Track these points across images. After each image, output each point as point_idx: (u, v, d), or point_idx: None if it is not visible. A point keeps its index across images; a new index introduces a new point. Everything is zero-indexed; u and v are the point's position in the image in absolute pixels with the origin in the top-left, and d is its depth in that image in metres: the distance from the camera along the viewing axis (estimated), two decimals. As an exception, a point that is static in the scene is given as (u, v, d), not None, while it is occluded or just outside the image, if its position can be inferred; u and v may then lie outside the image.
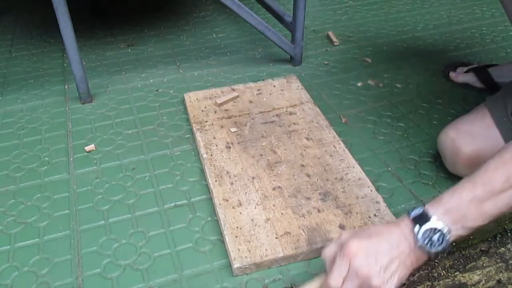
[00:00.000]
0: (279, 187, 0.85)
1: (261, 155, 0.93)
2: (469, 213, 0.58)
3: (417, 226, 0.59)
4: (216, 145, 0.96)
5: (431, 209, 0.60)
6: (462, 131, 0.82)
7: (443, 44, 1.41)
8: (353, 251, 0.59)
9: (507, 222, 0.86)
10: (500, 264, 0.82)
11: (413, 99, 1.15)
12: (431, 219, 0.59)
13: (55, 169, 0.95)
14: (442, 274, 0.81)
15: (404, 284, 0.79)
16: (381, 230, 0.61)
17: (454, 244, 0.68)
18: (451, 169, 0.87)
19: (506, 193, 0.57)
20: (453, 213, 0.59)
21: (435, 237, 0.58)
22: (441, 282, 0.79)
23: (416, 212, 0.60)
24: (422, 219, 0.59)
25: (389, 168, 0.94)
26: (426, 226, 0.59)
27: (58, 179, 0.92)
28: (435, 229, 0.58)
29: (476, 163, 0.81)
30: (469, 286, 0.79)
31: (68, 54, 1.06)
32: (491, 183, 0.58)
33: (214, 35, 1.50)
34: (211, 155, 0.93)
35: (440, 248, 0.58)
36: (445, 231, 0.58)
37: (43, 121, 1.10)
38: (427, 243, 0.59)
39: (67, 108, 1.14)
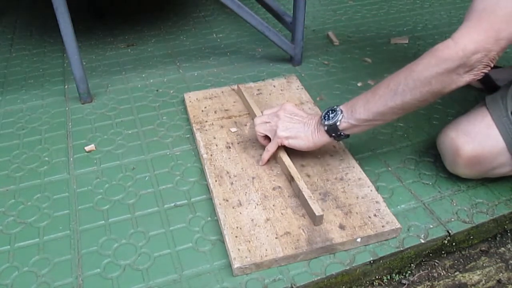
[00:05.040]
0: (279, 187, 0.85)
1: (261, 155, 0.93)
2: (358, 106, 0.78)
3: (325, 110, 0.82)
4: (216, 145, 0.96)
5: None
6: (461, 131, 0.82)
7: (443, 44, 1.41)
8: (283, 108, 0.87)
9: (507, 222, 0.86)
10: (500, 264, 0.82)
11: (413, 99, 1.15)
12: (334, 107, 0.81)
13: (55, 169, 0.95)
14: (442, 274, 0.81)
15: (404, 284, 0.79)
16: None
17: (349, 135, 0.81)
18: (450, 169, 0.87)
19: (384, 96, 0.75)
20: (349, 104, 0.80)
21: (331, 115, 0.80)
22: (441, 282, 0.79)
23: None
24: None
25: (389, 168, 0.94)
26: (329, 108, 0.82)
27: (58, 179, 0.92)
28: (333, 109, 0.81)
29: (476, 163, 0.81)
30: (469, 286, 0.79)
31: (68, 54, 1.06)
32: (377, 88, 0.77)
33: (214, 35, 1.50)
34: (211, 155, 0.93)
35: (331, 122, 0.80)
36: (337, 109, 0.80)
37: (43, 121, 1.10)
38: (324, 117, 0.81)
39: (67, 108, 1.14)
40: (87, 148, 1.00)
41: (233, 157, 0.93)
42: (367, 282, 0.78)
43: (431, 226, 0.80)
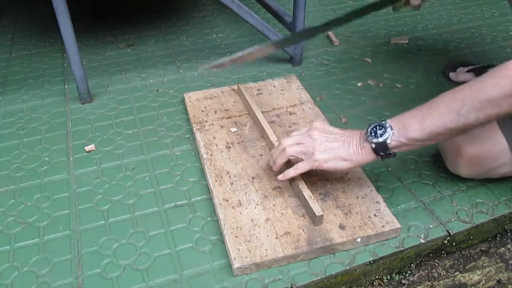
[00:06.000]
0: (279, 187, 0.85)
1: (261, 155, 0.93)
2: (411, 124, 0.69)
3: (370, 125, 0.73)
4: (216, 145, 0.96)
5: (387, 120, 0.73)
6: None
7: (443, 44, 1.41)
8: (315, 127, 0.77)
9: (507, 222, 0.86)
10: (500, 264, 0.82)
11: (413, 99, 1.15)
12: (382, 122, 0.72)
13: (55, 169, 0.95)
14: (442, 274, 0.81)
15: (404, 284, 0.79)
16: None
17: (395, 153, 0.72)
18: (452, 169, 0.87)
19: (444, 116, 0.67)
20: (399, 120, 0.71)
21: (379, 131, 0.71)
22: (441, 282, 0.79)
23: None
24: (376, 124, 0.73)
25: (389, 168, 0.94)
26: (375, 123, 0.72)
27: (58, 179, 0.92)
28: (381, 125, 0.71)
29: (477, 163, 0.81)
30: (469, 286, 0.79)
31: (68, 54, 1.06)
32: (434, 106, 0.69)
33: (214, 35, 1.50)
34: (211, 155, 0.93)
35: (380, 139, 0.70)
36: (387, 125, 0.71)
37: (43, 121, 1.10)
38: (371, 133, 0.72)
39: (67, 108, 1.14)
40: (87, 148, 1.00)
41: (233, 157, 0.93)
42: (367, 282, 0.78)
43: (431, 226, 0.80)
